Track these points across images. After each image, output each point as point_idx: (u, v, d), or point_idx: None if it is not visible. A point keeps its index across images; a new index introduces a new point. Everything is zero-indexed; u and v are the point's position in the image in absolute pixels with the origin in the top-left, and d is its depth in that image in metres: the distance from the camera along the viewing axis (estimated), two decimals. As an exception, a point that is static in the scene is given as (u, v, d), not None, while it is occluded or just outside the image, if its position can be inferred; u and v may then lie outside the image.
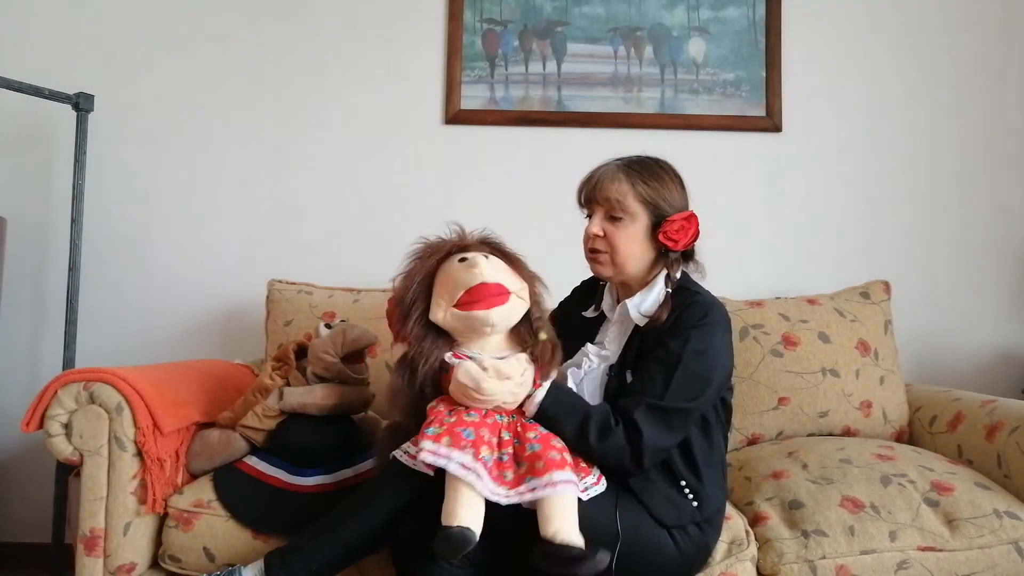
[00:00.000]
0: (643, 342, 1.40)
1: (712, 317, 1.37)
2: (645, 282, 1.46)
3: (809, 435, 1.92)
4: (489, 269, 1.29)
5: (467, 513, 1.17)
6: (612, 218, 1.43)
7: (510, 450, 1.24)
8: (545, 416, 1.29)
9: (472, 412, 1.25)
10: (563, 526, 1.17)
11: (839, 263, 2.35)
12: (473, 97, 2.39)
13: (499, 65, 2.40)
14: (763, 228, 2.38)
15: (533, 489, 1.18)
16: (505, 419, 1.28)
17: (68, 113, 2.21)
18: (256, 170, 2.39)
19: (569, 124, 2.39)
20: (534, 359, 1.32)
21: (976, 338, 2.35)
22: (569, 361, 1.47)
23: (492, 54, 2.40)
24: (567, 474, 1.21)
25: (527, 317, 1.34)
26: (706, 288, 1.48)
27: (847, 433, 1.93)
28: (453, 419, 1.23)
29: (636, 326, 1.43)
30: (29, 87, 2.06)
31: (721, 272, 2.25)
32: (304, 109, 2.39)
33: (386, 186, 2.39)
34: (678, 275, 1.44)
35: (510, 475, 1.21)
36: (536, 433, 1.26)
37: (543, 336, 1.33)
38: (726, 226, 2.35)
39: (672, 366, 1.33)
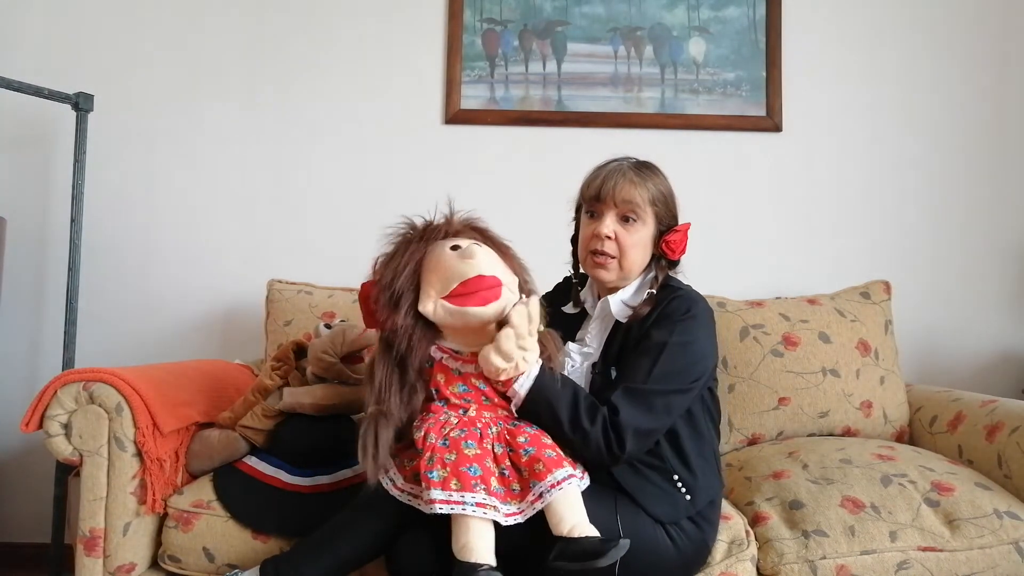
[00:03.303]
0: (626, 337, 1.39)
1: (695, 311, 1.37)
2: (630, 282, 1.46)
3: (809, 435, 1.92)
4: (486, 260, 1.24)
5: (483, 545, 1.15)
6: (625, 220, 1.41)
7: (508, 462, 1.22)
8: (540, 396, 1.26)
9: (469, 441, 1.21)
10: (578, 520, 1.17)
11: (839, 263, 2.35)
12: (473, 97, 2.39)
13: (499, 65, 2.40)
14: (763, 228, 2.38)
15: (541, 495, 1.17)
16: (494, 429, 1.25)
17: (68, 113, 2.21)
18: (256, 170, 2.39)
19: (569, 124, 2.38)
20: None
21: (976, 338, 2.35)
22: None
23: (492, 54, 2.40)
24: (567, 470, 1.20)
25: None
26: (687, 283, 1.48)
27: (847, 433, 1.93)
28: (453, 456, 1.18)
29: (617, 322, 1.42)
30: (29, 87, 2.06)
31: (721, 272, 2.29)
32: (304, 109, 2.39)
33: (386, 186, 2.38)
34: (662, 278, 1.43)
35: (517, 486, 1.20)
36: (525, 437, 1.23)
37: (540, 328, 1.28)
38: (726, 226, 2.35)
39: (655, 356, 1.32)
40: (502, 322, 1.24)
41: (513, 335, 1.20)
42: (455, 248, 1.25)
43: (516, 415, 1.29)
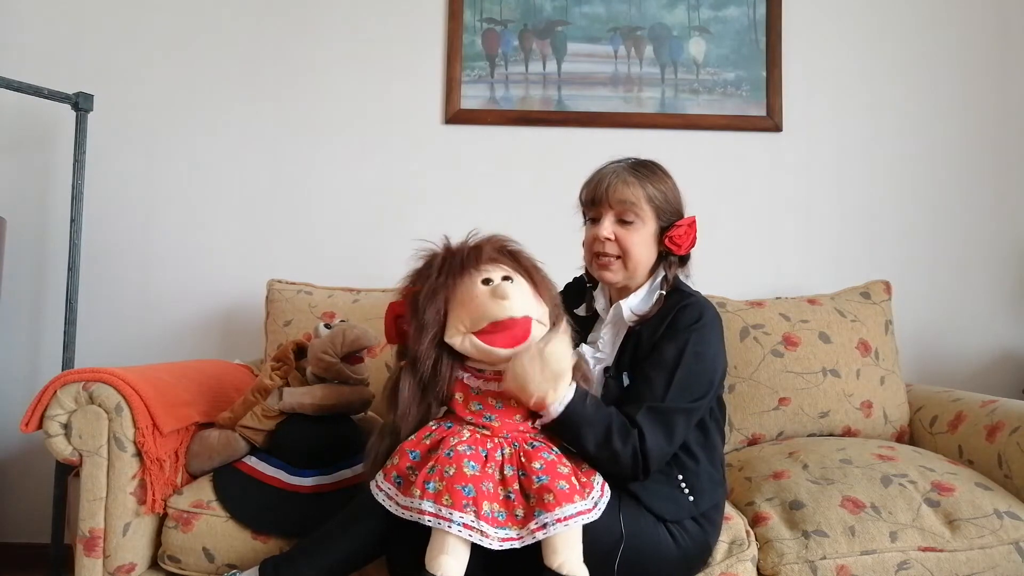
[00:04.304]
0: (638, 343, 1.40)
1: (707, 318, 1.39)
2: (641, 284, 1.47)
3: (810, 435, 1.92)
4: (519, 302, 1.23)
5: (455, 564, 1.15)
6: (623, 221, 1.42)
7: (516, 486, 1.20)
8: (570, 420, 1.26)
9: (472, 461, 1.19)
10: (569, 557, 1.17)
11: (839, 263, 2.35)
12: (473, 97, 2.39)
13: (499, 65, 2.40)
14: (763, 228, 2.38)
15: (544, 526, 1.16)
16: (508, 451, 1.24)
17: (67, 113, 2.21)
18: (256, 170, 2.39)
19: (569, 124, 2.38)
20: None
21: (976, 338, 2.35)
22: None
23: (492, 54, 2.40)
24: (577, 505, 1.19)
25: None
26: (695, 288, 1.48)
27: (848, 433, 1.92)
28: (452, 470, 1.17)
29: (629, 326, 1.43)
30: (29, 87, 2.06)
31: (721, 272, 2.29)
32: (304, 108, 2.39)
33: (386, 186, 2.38)
34: (672, 278, 1.44)
35: (521, 512, 1.19)
36: (541, 463, 1.21)
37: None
38: (726, 226, 2.35)
39: (672, 369, 1.33)
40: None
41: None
42: (486, 282, 1.25)
43: (540, 428, 1.30)
